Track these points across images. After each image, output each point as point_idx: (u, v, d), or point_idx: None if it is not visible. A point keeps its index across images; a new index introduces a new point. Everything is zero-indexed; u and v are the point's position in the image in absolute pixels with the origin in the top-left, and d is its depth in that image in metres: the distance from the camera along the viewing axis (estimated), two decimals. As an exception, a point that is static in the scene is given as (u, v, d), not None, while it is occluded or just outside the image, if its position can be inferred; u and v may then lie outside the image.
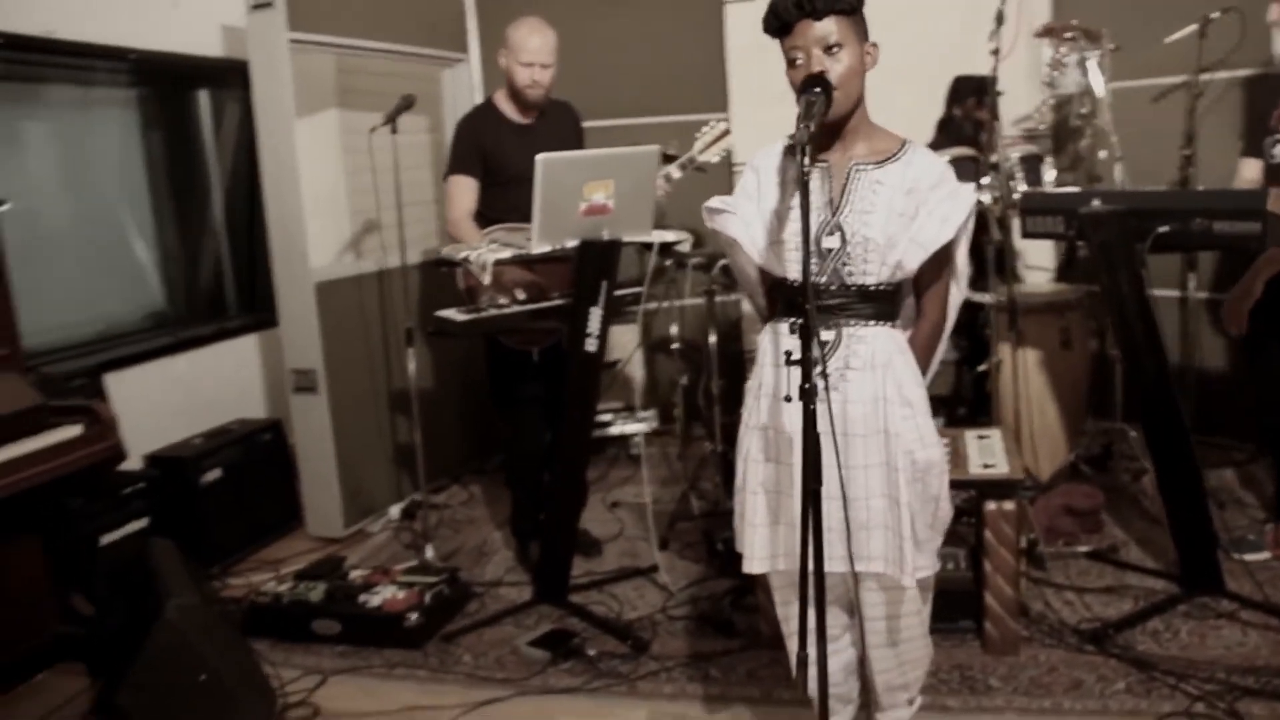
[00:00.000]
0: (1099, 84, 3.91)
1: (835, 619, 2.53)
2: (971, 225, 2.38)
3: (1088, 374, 4.32)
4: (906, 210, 2.23)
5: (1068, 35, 3.86)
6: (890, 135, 2.34)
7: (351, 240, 4.94)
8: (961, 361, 4.53)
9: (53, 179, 4.54)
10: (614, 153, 3.20)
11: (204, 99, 5.08)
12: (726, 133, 3.87)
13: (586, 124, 4.05)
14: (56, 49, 4.17)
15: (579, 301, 3.25)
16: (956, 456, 3.28)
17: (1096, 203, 3.04)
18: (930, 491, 2.32)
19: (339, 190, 4.96)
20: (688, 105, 5.23)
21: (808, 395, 2.06)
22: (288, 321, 4.27)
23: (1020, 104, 4.53)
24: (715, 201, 2.44)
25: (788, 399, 2.21)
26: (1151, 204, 3.02)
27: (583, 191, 3.17)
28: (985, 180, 3.71)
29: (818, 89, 2.15)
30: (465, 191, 3.71)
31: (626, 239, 3.31)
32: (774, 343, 2.36)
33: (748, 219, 2.39)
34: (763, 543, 2.39)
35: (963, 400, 4.64)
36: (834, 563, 2.34)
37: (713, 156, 3.86)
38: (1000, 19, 3.52)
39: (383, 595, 3.56)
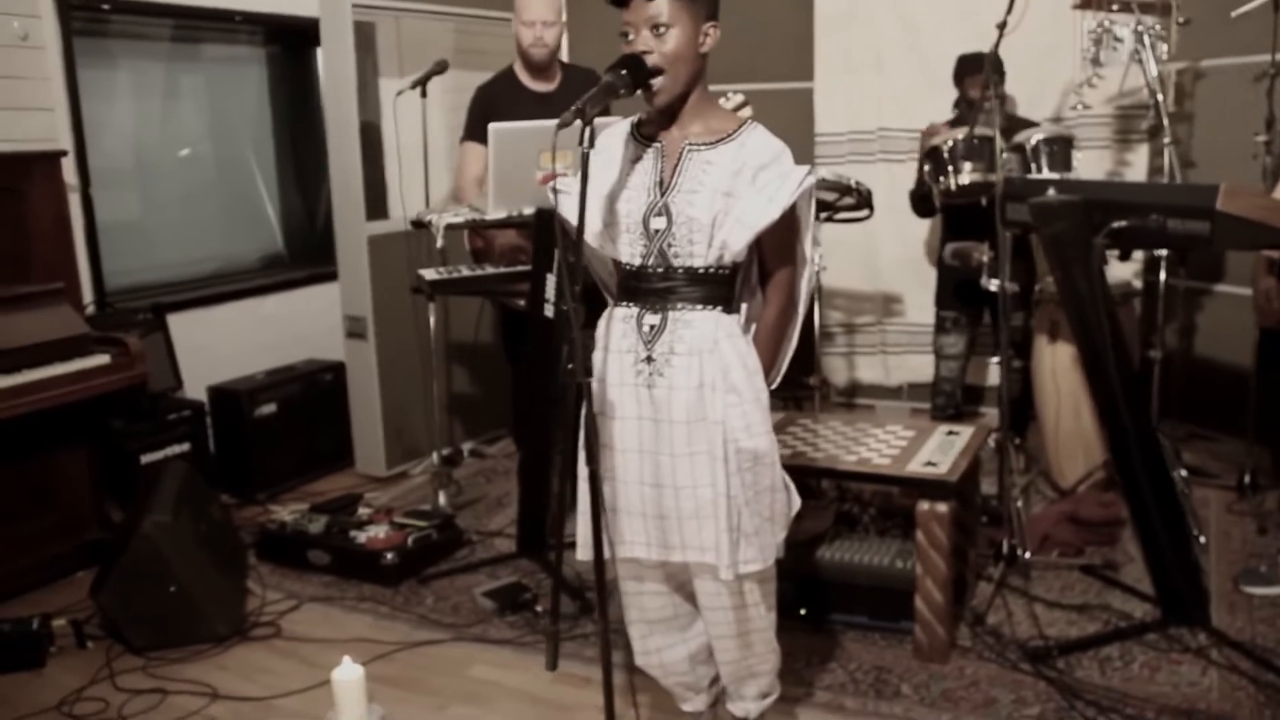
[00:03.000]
0: (1151, 60, 3.57)
1: (680, 607, 2.52)
2: (809, 210, 2.30)
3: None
4: (734, 190, 2.19)
5: (1114, 6, 3.54)
6: (731, 116, 2.30)
7: (447, 196, 5.17)
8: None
9: (194, 129, 5.05)
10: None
11: (320, 57, 5.44)
12: (745, 104, 3.79)
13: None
14: (164, 11, 4.60)
15: (535, 268, 3.32)
16: (906, 453, 3.16)
17: (1052, 192, 2.83)
18: (761, 483, 2.28)
19: (438, 147, 5.20)
20: (775, 73, 5.15)
21: (571, 374, 2.09)
22: (344, 271, 4.57)
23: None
24: (560, 183, 2.43)
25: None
26: (1108, 196, 2.78)
27: (539, 160, 3.23)
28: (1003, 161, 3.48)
29: (623, 70, 2.15)
30: (474, 157, 3.84)
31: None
32: (608, 328, 2.36)
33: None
34: (588, 529, 2.40)
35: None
36: (667, 551, 2.35)
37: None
38: (1015, -10, 3.27)
39: (372, 533, 3.80)
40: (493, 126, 3.15)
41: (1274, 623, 3.18)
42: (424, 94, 4.01)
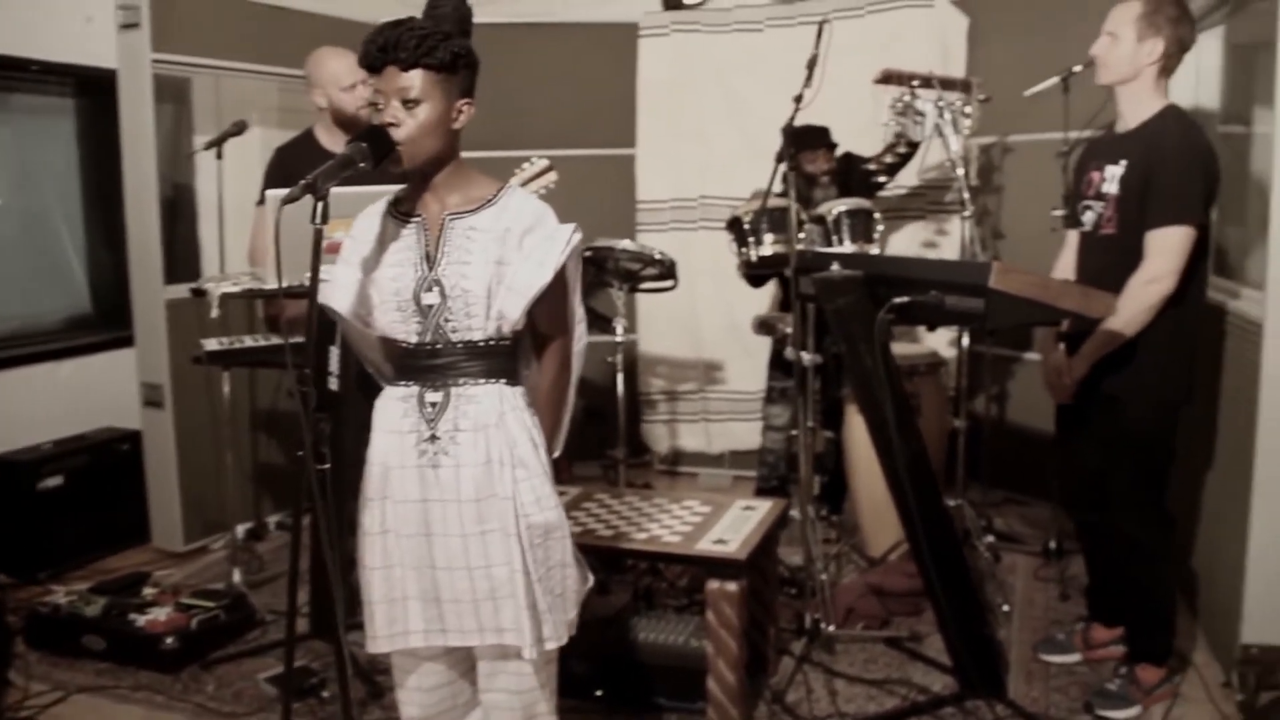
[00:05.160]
0: (951, 135, 3.64)
1: (459, 696, 2.39)
2: (578, 270, 2.24)
3: (941, 443, 4.02)
4: (504, 257, 2.13)
5: (915, 82, 3.61)
6: (488, 181, 2.24)
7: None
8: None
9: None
10: (350, 191, 3.11)
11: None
12: (548, 169, 3.74)
13: (498, 154, 3.95)
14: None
15: (319, 341, 3.18)
16: (699, 530, 3.09)
17: (835, 266, 2.82)
18: (553, 558, 2.20)
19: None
20: (598, 139, 5.14)
21: (303, 461, 1.98)
22: (141, 336, 4.34)
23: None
24: (325, 272, 2.34)
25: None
26: (890, 271, 2.79)
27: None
28: (802, 235, 3.49)
29: (364, 142, 2.07)
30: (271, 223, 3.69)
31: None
32: (386, 408, 2.25)
33: (349, 288, 2.29)
34: (383, 621, 2.26)
35: (825, 468, 4.39)
36: (445, 636, 2.22)
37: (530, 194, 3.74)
38: (812, 64, 3.30)
39: (151, 616, 3.56)
40: (270, 193, 3.02)
41: (1068, 691, 3.20)
42: (219, 155, 3.85)
